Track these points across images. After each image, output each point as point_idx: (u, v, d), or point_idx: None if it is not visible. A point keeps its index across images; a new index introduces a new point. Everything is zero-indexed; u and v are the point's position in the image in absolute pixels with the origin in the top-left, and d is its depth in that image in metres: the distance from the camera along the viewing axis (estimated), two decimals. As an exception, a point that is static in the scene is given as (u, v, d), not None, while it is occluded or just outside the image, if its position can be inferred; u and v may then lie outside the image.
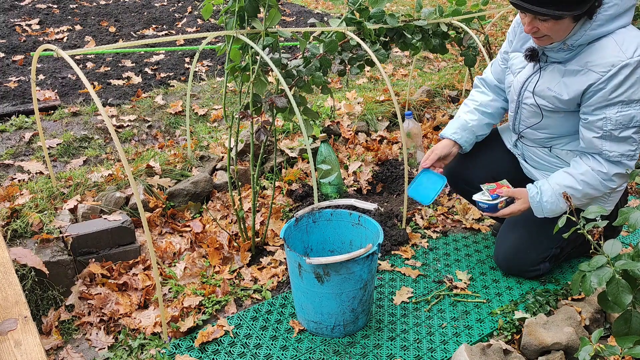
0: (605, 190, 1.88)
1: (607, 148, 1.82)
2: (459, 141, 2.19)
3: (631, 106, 1.75)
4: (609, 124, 1.79)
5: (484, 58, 3.94)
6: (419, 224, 2.64)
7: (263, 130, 2.05)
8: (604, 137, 1.81)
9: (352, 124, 3.48)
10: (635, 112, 1.76)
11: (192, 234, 2.50)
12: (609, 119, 1.78)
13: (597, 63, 1.75)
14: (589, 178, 1.87)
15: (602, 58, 1.75)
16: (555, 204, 1.92)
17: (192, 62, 2.89)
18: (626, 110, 1.76)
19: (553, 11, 1.66)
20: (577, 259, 2.36)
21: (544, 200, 1.93)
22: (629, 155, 1.82)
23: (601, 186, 1.87)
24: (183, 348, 1.89)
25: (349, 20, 2.51)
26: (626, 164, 1.84)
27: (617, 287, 1.21)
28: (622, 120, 1.77)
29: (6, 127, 3.22)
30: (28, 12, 5.93)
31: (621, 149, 1.81)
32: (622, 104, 1.75)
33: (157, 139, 3.35)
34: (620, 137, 1.79)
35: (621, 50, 1.72)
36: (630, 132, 1.79)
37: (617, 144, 1.81)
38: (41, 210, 2.34)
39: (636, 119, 1.77)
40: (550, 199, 1.92)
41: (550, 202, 1.92)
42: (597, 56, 1.76)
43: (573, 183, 1.89)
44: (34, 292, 2.02)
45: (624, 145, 1.81)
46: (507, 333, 1.94)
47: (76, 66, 1.74)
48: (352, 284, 1.83)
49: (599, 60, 1.75)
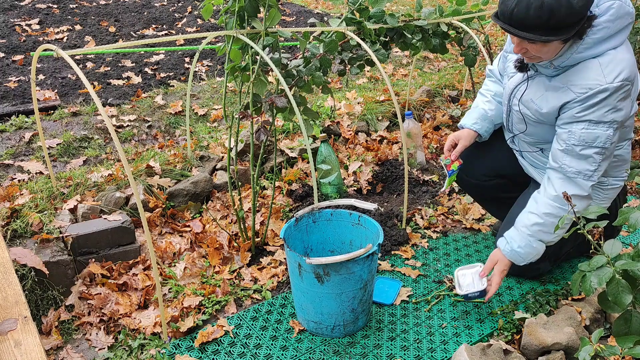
0: (564, 212, 1.86)
1: (566, 162, 1.83)
2: (480, 131, 2.20)
3: (598, 126, 1.75)
4: (573, 138, 1.79)
5: (484, 58, 3.94)
6: (419, 224, 2.64)
7: (263, 130, 2.05)
8: (566, 150, 1.82)
9: (352, 124, 3.48)
10: (601, 133, 1.75)
11: (192, 234, 2.50)
12: (574, 133, 1.79)
13: (577, 84, 1.75)
14: (549, 209, 1.87)
15: (582, 79, 1.74)
16: (530, 246, 1.91)
17: (192, 62, 2.89)
18: (592, 129, 1.75)
19: (540, 36, 1.65)
20: (577, 259, 2.36)
21: (515, 247, 1.93)
22: (586, 174, 1.81)
23: (562, 211, 1.86)
24: (183, 348, 1.89)
25: (349, 20, 2.51)
26: (581, 183, 1.83)
27: (617, 287, 1.21)
28: (586, 138, 1.77)
29: (6, 127, 3.22)
30: (28, 12, 5.93)
31: (579, 166, 1.81)
32: (590, 122, 1.75)
33: (157, 139, 3.35)
34: (581, 154, 1.79)
35: (603, 74, 1.71)
36: (592, 151, 1.78)
37: (576, 161, 1.81)
38: (41, 210, 2.34)
39: (600, 140, 1.76)
40: (521, 243, 1.92)
41: (523, 247, 1.92)
42: (579, 77, 1.76)
43: (537, 219, 1.88)
44: (34, 292, 2.02)
45: (583, 163, 1.80)
46: (507, 333, 1.94)
47: (76, 66, 1.74)
48: (352, 284, 1.83)
49: (579, 81, 1.75)
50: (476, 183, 2.32)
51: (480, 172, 2.28)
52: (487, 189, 2.33)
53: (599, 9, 1.68)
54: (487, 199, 2.44)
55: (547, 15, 1.59)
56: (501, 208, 2.31)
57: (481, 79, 4.43)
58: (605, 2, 1.68)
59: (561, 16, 1.60)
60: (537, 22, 1.62)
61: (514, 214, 2.21)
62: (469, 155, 2.29)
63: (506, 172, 2.26)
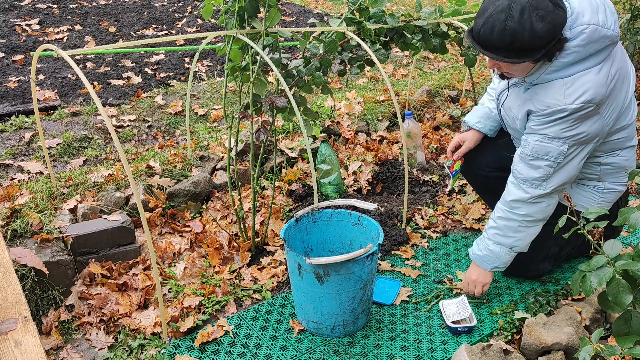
0: (522, 217, 1.92)
1: (518, 168, 1.89)
2: (483, 130, 2.23)
3: (553, 142, 1.78)
4: (527, 147, 1.84)
5: (484, 58, 3.94)
6: (419, 224, 2.64)
7: (263, 130, 2.05)
8: (520, 157, 1.88)
9: (352, 124, 3.48)
10: (554, 148, 1.78)
11: (192, 234, 2.50)
12: (528, 143, 1.84)
13: (539, 99, 1.78)
14: (501, 212, 1.95)
15: (544, 96, 1.77)
16: (487, 249, 2.00)
17: (192, 62, 2.89)
18: (546, 143, 1.79)
19: (503, 58, 1.68)
20: (577, 259, 2.36)
21: (476, 250, 2.04)
22: (532, 183, 1.86)
23: (512, 215, 1.92)
24: (183, 348, 1.89)
25: (349, 20, 2.51)
26: (528, 189, 1.87)
27: (617, 287, 1.21)
28: (538, 150, 1.81)
29: (6, 127, 3.22)
30: (28, 12, 5.93)
31: (528, 174, 1.85)
32: (545, 136, 1.79)
33: (157, 139, 3.35)
34: (531, 163, 1.84)
35: (564, 95, 1.72)
36: (543, 163, 1.82)
37: (526, 168, 1.86)
38: (41, 210, 2.34)
39: (552, 154, 1.79)
40: (480, 246, 2.02)
41: (481, 249, 2.02)
42: (542, 93, 1.78)
43: (492, 223, 1.99)
44: (34, 292, 2.02)
45: (532, 172, 1.84)
46: (507, 333, 1.94)
47: (76, 66, 1.74)
48: (352, 284, 1.83)
49: (541, 97, 1.78)
50: (479, 173, 2.33)
51: (484, 162, 2.29)
52: (490, 180, 2.32)
53: (570, 33, 1.68)
54: (489, 191, 2.43)
55: (509, 39, 1.62)
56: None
57: (481, 79, 4.43)
58: (578, 27, 1.67)
59: (524, 40, 1.62)
60: (500, 44, 1.65)
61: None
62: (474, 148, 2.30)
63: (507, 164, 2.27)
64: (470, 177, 2.41)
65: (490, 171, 2.30)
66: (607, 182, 2.01)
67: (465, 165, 2.36)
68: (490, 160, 2.28)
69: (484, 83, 4.30)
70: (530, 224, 1.94)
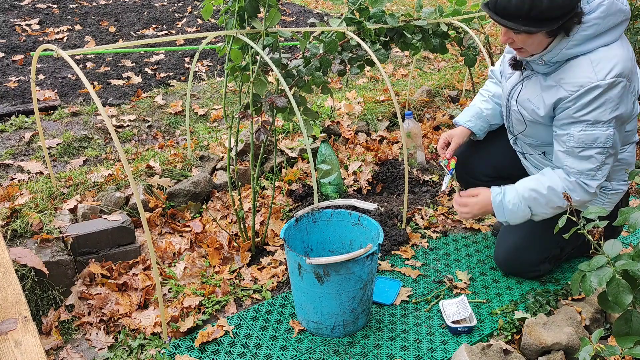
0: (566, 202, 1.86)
1: (568, 164, 1.82)
2: (473, 129, 2.20)
3: (596, 127, 1.74)
4: (572, 140, 1.78)
5: (484, 58, 3.94)
6: (419, 224, 2.64)
7: (263, 130, 2.05)
8: (567, 152, 1.82)
9: (352, 124, 3.48)
10: (600, 133, 1.74)
11: (192, 234, 2.50)
12: (572, 135, 1.78)
13: (568, 82, 1.74)
14: (556, 184, 1.85)
15: (573, 77, 1.73)
16: (517, 206, 1.90)
17: (192, 62, 2.89)
18: (591, 130, 1.74)
19: (520, 26, 1.66)
20: (577, 259, 2.36)
21: (506, 200, 1.91)
22: (588, 174, 1.80)
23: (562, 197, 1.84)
24: (183, 348, 1.89)
25: (349, 20, 2.51)
26: (584, 182, 1.82)
27: (617, 287, 1.21)
28: (585, 140, 1.76)
29: (6, 127, 3.22)
30: (28, 12, 5.93)
31: (580, 166, 1.80)
32: (587, 123, 1.74)
33: (157, 139, 3.35)
34: (581, 155, 1.78)
35: (594, 71, 1.70)
36: (593, 152, 1.77)
37: (578, 161, 1.80)
38: (41, 210, 2.34)
39: (600, 140, 1.75)
40: (513, 200, 1.90)
41: (513, 204, 1.90)
42: (570, 74, 1.75)
43: (539, 187, 1.86)
44: (34, 292, 2.02)
45: (585, 163, 1.79)
46: (507, 333, 1.94)
47: (76, 66, 1.74)
48: (352, 284, 1.83)
49: (570, 79, 1.74)
50: (478, 183, 2.32)
51: (482, 171, 2.29)
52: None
53: (589, 6, 1.68)
54: None
55: (528, 5, 1.61)
56: None
57: (481, 79, 4.43)
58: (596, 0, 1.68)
59: (542, 8, 1.61)
60: (518, 11, 1.63)
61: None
62: (471, 155, 2.29)
63: (508, 173, 2.27)
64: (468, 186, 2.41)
65: (488, 180, 2.29)
66: (614, 182, 2.00)
67: (462, 176, 2.35)
68: (487, 169, 2.28)
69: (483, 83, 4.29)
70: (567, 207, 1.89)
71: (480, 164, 2.27)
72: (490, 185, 2.30)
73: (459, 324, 1.95)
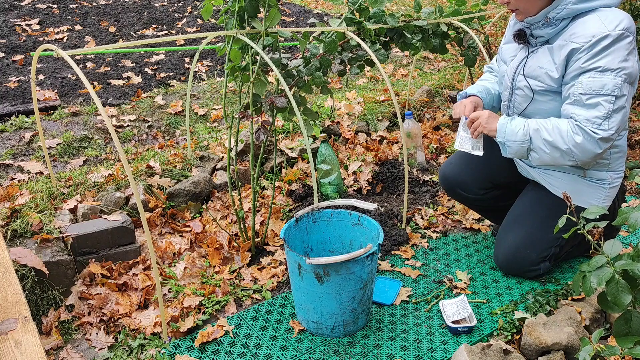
0: (569, 144, 1.82)
1: (575, 112, 1.82)
2: (485, 100, 2.19)
3: (605, 74, 1.76)
4: (580, 88, 1.80)
5: (484, 58, 3.94)
6: (419, 224, 2.64)
7: (263, 130, 2.05)
8: (574, 102, 1.83)
9: (352, 124, 3.48)
10: (609, 80, 1.76)
11: (192, 234, 2.50)
12: (581, 83, 1.80)
13: (580, 34, 1.79)
14: (561, 124, 1.84)
15: (584, 29, 1.78)
16: (519, 128, 1.89)
17: (192, 62, 2.89)
18: (599, 76, 1.76)
19: None
20: (577, 259, 2.36)
21: (513, 122, 1.91)
22: (594, 122, 1.79)
23: (566, 137, 1.82)
24: (183, 348, 1.89)
25: (349, 20, 2.51)
26: (590, 130, 1.80)
27: (616, 287, 1.21)
28: (592, 86, 1.77)
29: (6, 127, 3.22)
30: (28, 12, 5.93)
31: (587, 114, 1.80)
32: (596, 70, 1.77)
33: (157, 139, 3.35)
34: (588, 103, 1.79)
35: (603, 24, 1.76)
36: (600, 99, 1.78)
37: (585, 109, 1.80)
38: (41, 210, 2.34)
39: (607, 87, 1.76)
40: (517, 123, 1.90)
41: (516, 125, 1.90)
42: (580, 29, 1.80)
43: (545, 122, 1.88)
44: (34, 292, 2.02)
45: (592, 110, 1.79)
46: (507, 333, 1.94)
47: (76, 66, 1.74)
48: (352, 284, 1.83)
49: (582, 32, 1.78)
50: (474, 198, 2.33)
51: (477, 186, 2.30)
52: (485, 201, 2.34)
53: None
54: (487, 210, 2.45)
55: None
56: (501, 216, 2.32)
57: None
58: None
59: None
60: None
61: (512, 214, 2.22)
62: (464, 172, 2.30)
63: (502, 181, 2.27)
64: (467, 203, 2.42)
65: (484, 193, 2.31)
66: (611, 172, 2.01)
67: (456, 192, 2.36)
68: (482, 182, 2.28)
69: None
70: (565, 158, 1.87)
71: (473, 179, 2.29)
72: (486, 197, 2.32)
73: (458, 324, 1.95)
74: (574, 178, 2.04)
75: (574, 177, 2.04)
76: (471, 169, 2.29)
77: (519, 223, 2.16)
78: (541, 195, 2.13)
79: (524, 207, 2.18)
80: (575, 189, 2.03)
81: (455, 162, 2.35)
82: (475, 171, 2.28)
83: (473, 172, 2.29)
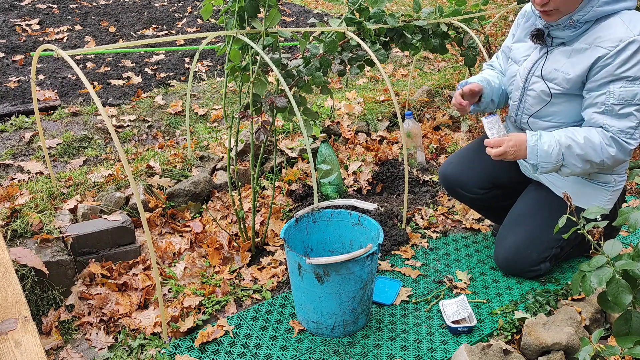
0: (602, 157, 1.82)
1: (607, 123, 1.81)
2: (485, 90, 2.14)
3: (635, 83, 1.76)
4: (612, 98, 1.78)
5: (484, 58, 3.94)
6: (419, 224, 2.64)
7: (263, 130, 2.05)
8: (605, 112, 1.81)
9: (352, 124, 3.48)
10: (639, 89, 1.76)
11: (192, 234, 2.50)
12: (612, 93, 1.78)
13: (606, 39, 1.77)
14: (592, 136, 1.82)
15: (610, 34, 1.77)
16: (552, 149, 1.84)
17: (192, 62, 2.89)
18: (630, 86, 1.76)
19: None
20: (577, 259, 2.36)
21: (542, 141, 1.86)
22: (628, 132, 1.80)
23: (600, 150, 1.81)
24: (183, 348, 1.89)
25: (349, 20, 2.51)
26: (623, 141, 1.81)
27: (617, 287, 1.21)
28: (625, 96, 1.77)
29: (6, 127, 3.22)
30: (28, 12, 5.93)
31: (621, 125, 1.80)
32: (628, 79, 1.76)
33: (157, 139, 3.35)
34: (621, 113, 1.79)
35: (629, 28, 1.74)
36: (632, 109, 1.78)
37: (617, 120, 1.80)
38: (41, 210, 2.34)
39: (638, 96, 1.77)
40: (548, 142, 1.85)
41: (548, 145, 1.85)
42: (605, 33, 1.78)
43: (575, 135, 1.84)
44: (34, 292, 2.02)
45: (624, 121, 1.80)
46: (507, 333, 1.94)
47: (76, 66, 1.74)
48: (352, 284, 1.83)
49: (608, 36, 1.77)
50: (475, 197, 2.33)
51: (477, 185, 2.29)
52: (485, 200, 2.34)
53: None
54: (487, 209, 2.45)
55: None
56: (502, 215, 2.31)
57: (481, 79, 4.42)
58: None
59: None
60: None
61: (513, 213, 2.22)
62: (464, 172, 2.29)
63: (502, 181, 2.27)
64: (467, 202, 2.41)
65: (485, 193, 2.30)
66: (615, 175, 2.01)
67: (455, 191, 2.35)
68: (481, 182, 2.28)
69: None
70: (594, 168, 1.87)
71: (473, 178, 2.28)
72: (486, 197, 2.30)
73: (458, 324, 1.95)
74: (579, 180, 2.03)
75: (579, 179, 2.03)
76: (471, 169, 2.29)
77: (520, 223, 2.15)
78: (543, 196, 2.13)
79: (526, 207, 2.17)
80: (579, 191, 2.03)
81: (456, 162, 2.34)
82: (475, 171, 2.28)
83: (473, 172, 2.28)
